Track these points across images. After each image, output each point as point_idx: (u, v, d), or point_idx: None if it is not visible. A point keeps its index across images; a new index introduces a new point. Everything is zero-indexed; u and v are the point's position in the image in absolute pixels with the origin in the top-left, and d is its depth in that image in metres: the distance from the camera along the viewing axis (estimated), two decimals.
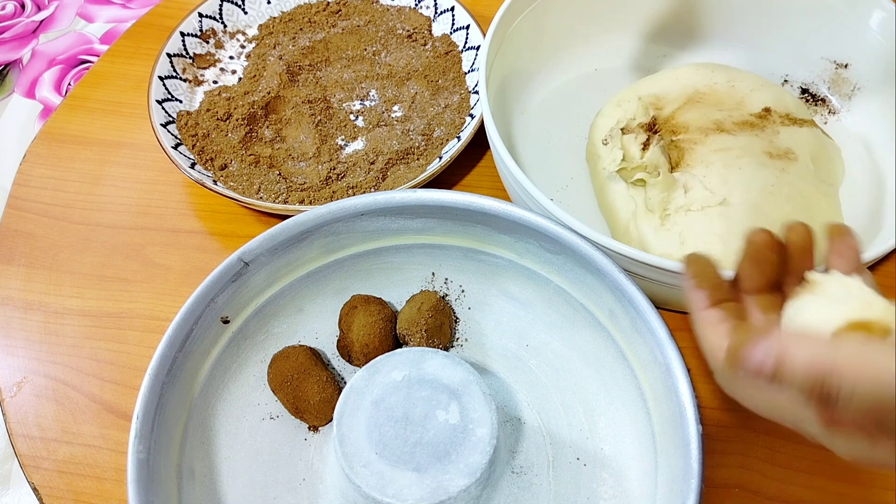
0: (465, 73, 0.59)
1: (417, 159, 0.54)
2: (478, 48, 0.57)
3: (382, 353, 0.40)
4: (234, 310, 0.41)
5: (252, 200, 0.50)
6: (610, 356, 0.41)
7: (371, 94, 0.59)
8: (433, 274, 0.46)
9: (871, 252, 0.39)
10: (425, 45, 0.61)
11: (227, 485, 0.39)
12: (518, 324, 0.45)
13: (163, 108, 0.55)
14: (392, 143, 0.54)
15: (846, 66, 0.54)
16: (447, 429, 0.36)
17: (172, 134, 0.54)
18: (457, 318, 0.46)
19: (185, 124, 0.56)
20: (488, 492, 0.38)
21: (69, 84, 0.77)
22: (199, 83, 0.60)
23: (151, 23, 0.66)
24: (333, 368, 0.44)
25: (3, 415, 0.45)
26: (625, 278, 0.38)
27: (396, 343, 0.44)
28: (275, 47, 0.62)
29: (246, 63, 0.62)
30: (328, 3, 0.64)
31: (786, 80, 0.57)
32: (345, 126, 0.57)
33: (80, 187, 0.56)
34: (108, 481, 0.43)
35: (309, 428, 0.42)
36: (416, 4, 0.62)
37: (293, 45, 0.61)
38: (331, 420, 0.40)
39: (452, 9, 0.60)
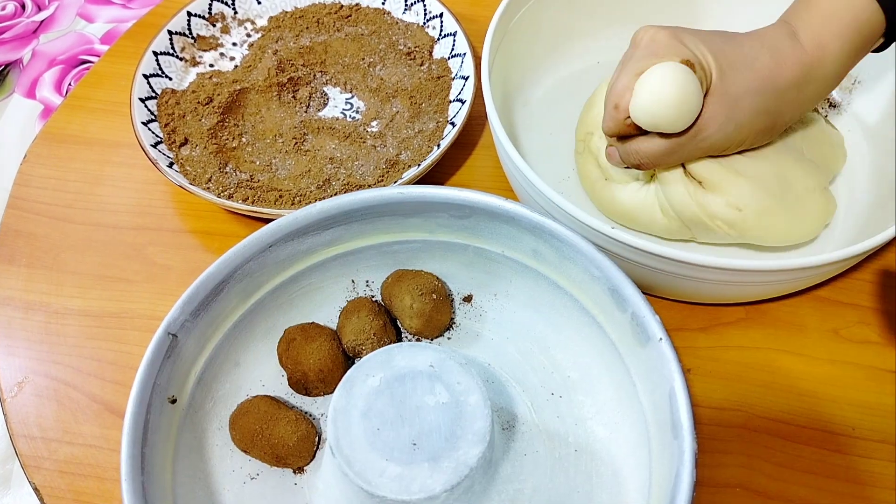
0: (450, 102, 0.57)
1: (378, 182, 0.53)
2: (467, 79, 0.56)
3: (339, 374, 0.39)
4: (177, 386, 0.39)
5: (195, 189, 0.49)
6: (547, 293, 0.43)
7: (355, 105, 0.59)
8: (353, 281, 0.45)
9: (873, 241, 0.40)
10: (422, 65, 0.60)
11: None
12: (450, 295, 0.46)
13: (148, 83, 0.56)
14: (357, 164, 0.54)
15: None
16: (441, 409, 0.36)
17: (149, 110, 0.55)
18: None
19: (167, 102, 0.56)
20: (496, 454, 0.38)
21: (69, 84, 0.77)
22: (196, 64, 0.60)
23: (152, 23, 0.66)
24: (294, 406, 0.43)
25: (4, 415, 0.45)
26: (538, 216, 0.39)
27: (347, 358, 0.43)
28: (277, 41, 0.62)
29: (247, 52, 0.62)
30: (341, 5, 0.63)
31: None
32: (318, 133, 0.56)
33: (80, 187, 0.56)
34: (109, 481, 0.43)
35: (294, 471, 0.40)
36: (424, 23, 0.62)
37: (294, 43, 0.61)
38: (314, 457, 0.40)
39: (455, 34, 0.59)
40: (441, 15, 0.60)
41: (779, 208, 0.45)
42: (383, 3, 0.63)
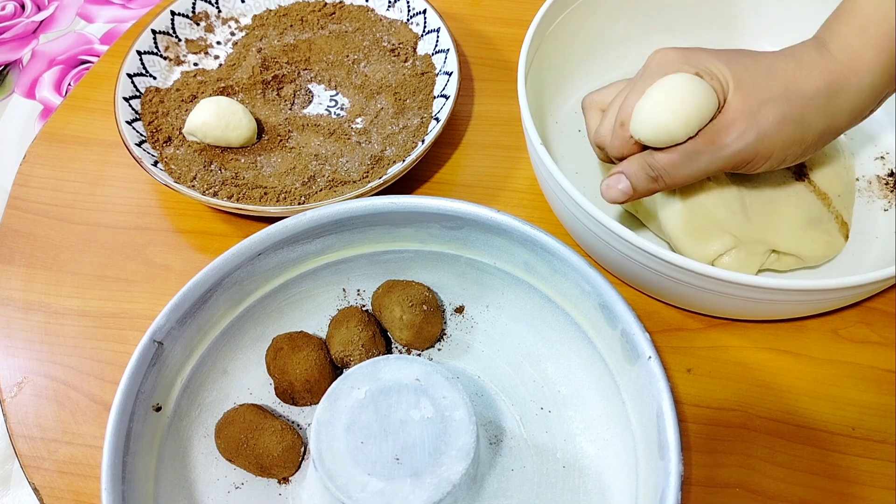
0: (434, 98, 0.57)
1: (363, 178, 0.53)
2: (451, 75, 0.56)
3: (326, 384, 0.39)
4: (162, 394, 0.39)
5: (180, 187, 0.49)
6: (538, 306, 0.43)
7: (339, 101, 0.59)
8: (344, 290, 0.45)
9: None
10: (406, 61, 0.60)
11: None
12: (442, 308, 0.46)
13: (132, 82, 0.56)
14: (342, 161, 0.54)
15: None
16: (426, 424, 0.36)
17: (133, 109, 0.55)
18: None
19: (150, 100, 0.56)
20: (482, 470, 0.38)
21: (69, 84, 0.77)
22: (180, 63, 0.60)
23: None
24: (281, 415, 0.42)
25: (4, 415, 0.46)
26: (531, 228, 0.39)
27: (335, 368, 0.43)
28: (261, 39, 0.62)
29: (231, 51, 0.62)
30: (325, 3, 0.63)
31: (882, 157, 0.55)
32: (302, 130, 0.56)
33: (80, 187, 0.56)
34: None
35: (279, 482, 0.40)
36: (408, 20, 0.62)
37: (278, 41, 0.61)
38: (299, 467, 0.40)
39: (438, 30, 0.59)
40: (424, 11, 0.61)
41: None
42: (367, 1, 0.63)
